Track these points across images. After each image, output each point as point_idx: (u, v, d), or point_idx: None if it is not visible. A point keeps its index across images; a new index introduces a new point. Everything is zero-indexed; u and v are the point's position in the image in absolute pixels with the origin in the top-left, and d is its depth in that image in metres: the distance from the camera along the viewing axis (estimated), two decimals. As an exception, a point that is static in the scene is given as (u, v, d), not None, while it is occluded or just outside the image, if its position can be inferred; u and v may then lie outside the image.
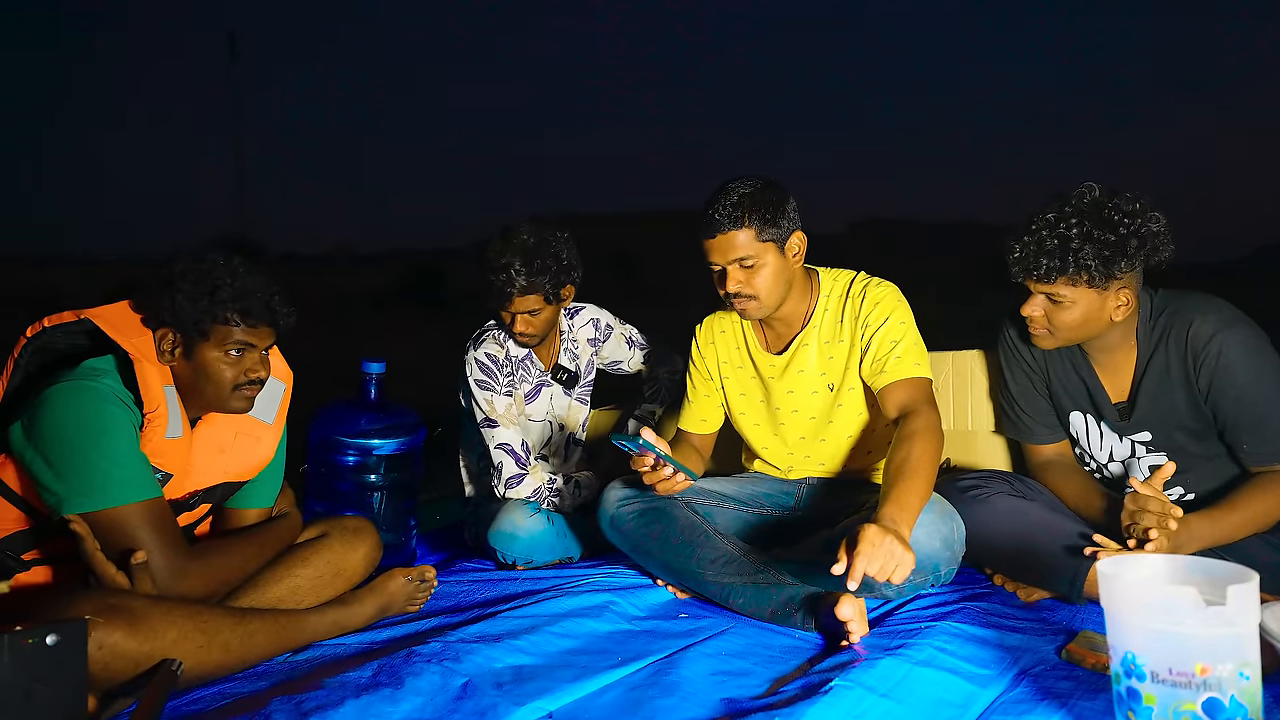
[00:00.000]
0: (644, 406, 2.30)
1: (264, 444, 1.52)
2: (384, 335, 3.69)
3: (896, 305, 1.70)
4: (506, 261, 1.87)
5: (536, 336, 1.99)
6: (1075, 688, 1.15)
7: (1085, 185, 1.50)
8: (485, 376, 2.02)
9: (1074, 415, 1.69)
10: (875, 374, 1.67)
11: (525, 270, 1.87)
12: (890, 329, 1.67)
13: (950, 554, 1.50)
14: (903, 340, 1.66)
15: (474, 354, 2.04)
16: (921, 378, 1.65)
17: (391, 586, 1.52)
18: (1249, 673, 0.89)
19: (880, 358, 1.66)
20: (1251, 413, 1.48)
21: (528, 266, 1.87)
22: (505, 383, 2.04)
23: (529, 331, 1.97)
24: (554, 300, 1.95)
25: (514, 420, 2.04)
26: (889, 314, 1.68)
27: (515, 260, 1.87)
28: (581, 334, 2.15)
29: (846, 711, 1.07)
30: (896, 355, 1.65)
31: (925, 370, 1.66)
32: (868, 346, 1.68)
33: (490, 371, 2.03)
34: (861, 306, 1.70)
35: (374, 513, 1.99)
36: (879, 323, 1.68)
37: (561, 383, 2.12)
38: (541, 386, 2.10)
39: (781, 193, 1.65)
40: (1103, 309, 1.51)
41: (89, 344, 1.39)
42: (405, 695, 1.14)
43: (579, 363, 2.15)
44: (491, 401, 2.02)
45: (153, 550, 1.26)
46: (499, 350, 2.05)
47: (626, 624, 1.50)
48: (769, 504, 1.80)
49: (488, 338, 2.06)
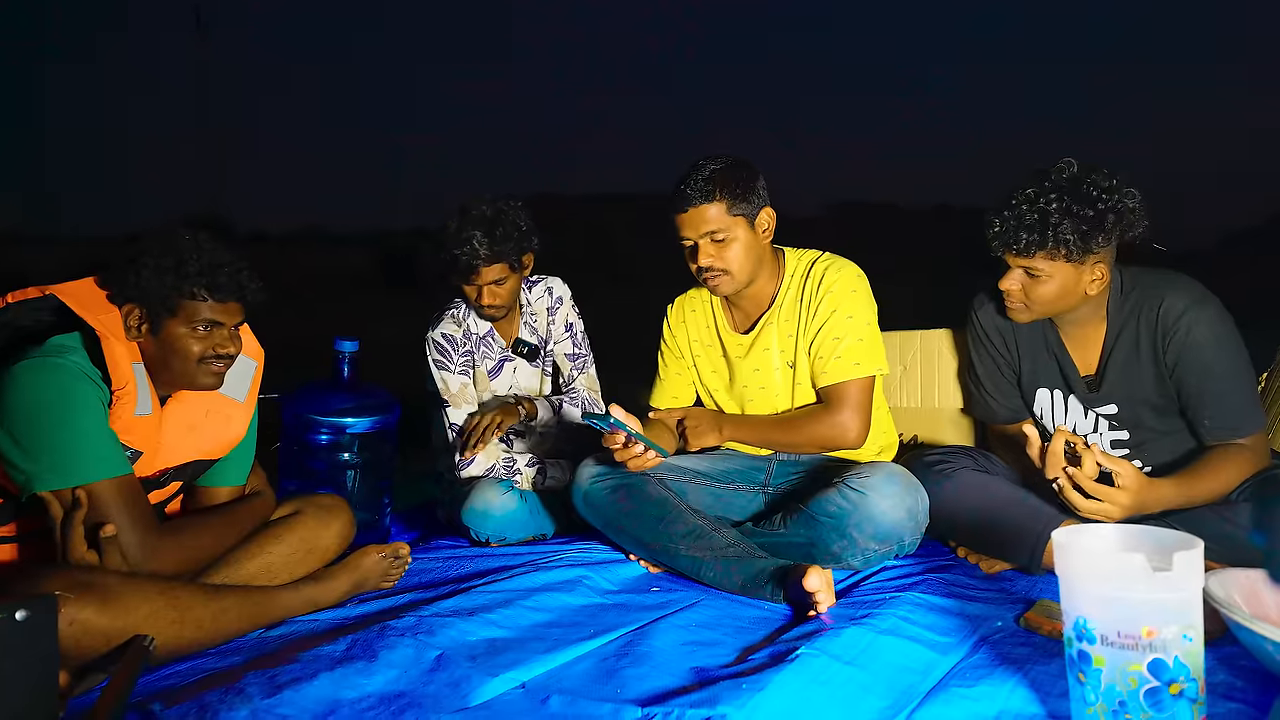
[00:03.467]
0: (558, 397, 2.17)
1: (235, 422, 1.51)
2: (359, 315, 3.66)
3: (848, 295, 1.71)
4: (469, 234, 1.90)
5: (503, 308, 2.02)
6: (1032, 653, 1.19)
7: (1064, 161, 1.53)
8: (441, 356, 2.07)
9: (1040, 392, 1.73)
10: (818, 372, 1.72)
11: (488, 240, 1.90)
12: (834, 325, 1.69)
13: (914, 525, 1.55)
14: (846, 337, 1.68)
15: (431, 334, 2.08)
16: (858, 379, 1.68)
17: (365, 563, 1.53)
18: (1192, 635, 0.92)
19: (823, 356, 1.70)
20: (1215, 388, 1.52)
21: (490, 236, 1.91)
22: (461, 362, 2.08)
23: (495, 303, 1.99)
24: (517, 268, 1.99)
25: (468, 400, 2.08)
26: (836, 307, 1.70)
27: (477, 232, 1.90)
28: (540, 305, 2.17)
29: (812, 679, 1.10)
30: (837, 355, 1.69)
31: (866, 367, 1.69)
32: (813, 340, 1.71)
33: (445, 351, 2.07)
34: (816, 292, 1.73)
35: (348, 491, 1.99)
36: (826, 315, 1.70)
37: (523, 356, 2.15)
38: (504, 362, 2.14)
39: (751, 170, 1.67)
40: (1078, 283, 1.54)
41: (54, 321, 1.37)
42: (379, 668, 1.15)
43: (540, 335, 2.17)
44: (446, 380, 2.06)
45: (123, 527, 1.26)
46: (456, 330, 2.08)
47: (599, 598, 1.52)
48: (740, 479, 1.82)
49: (446, 318, 2.09)
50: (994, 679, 1.11)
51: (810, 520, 1.59)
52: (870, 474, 1.57)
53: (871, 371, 1.69)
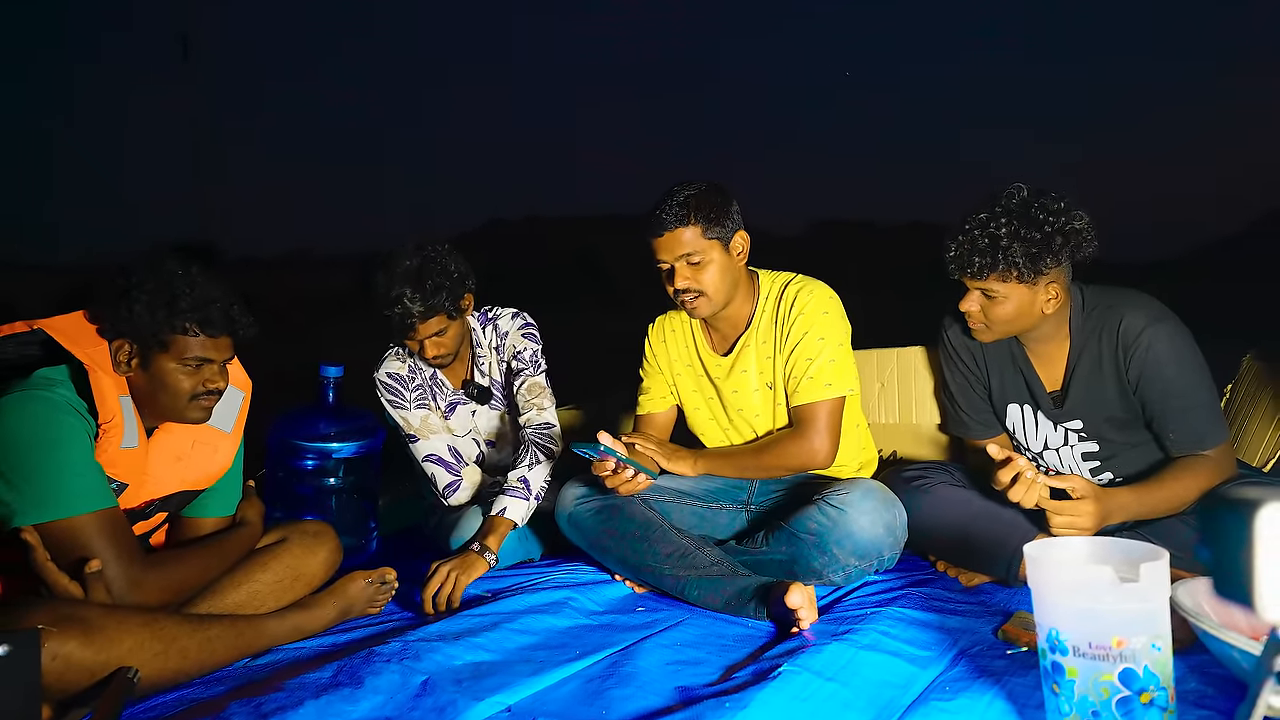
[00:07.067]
0: (511, 476, 1.87)
1: (221, 452, 1.52)
2: (345, 340, 3.63)
3: (819, 317, 1.73)
4: (398, 293, 1.77)
5: (450, 355, 1.91)
6: (1009, 666, 1.21)
7: (1014, 186, 1.58)
8: (393, 396, 2.01)
9: (1011, 408, 1.77)
10: (790, 392, 1.75)
11: (419, 296, 1.77)
12: (806, 346, 1.72)
13: (893, 540, 1.58)
14: (817, 359, 1.71)
15: (378, 375, 2.01)
16: (828, 400, 1.70)
17: (352, 589, 1.53)
18: (1161, 644, 0.95)
19: (796, 376, 1.73)
20: (1178, 403, 1.56)
21: (420, 291, 1.77)
22: (415, 397, 2.01)
23: (441, 353, 1.88)
24: (456, 315, 1.86)
25: (435, 429, 2.01)
26: (808, 329, 1.73)
27: (406, 289, 1.77)
28: (489, 345, 2.04)
29: (794, 695, 1.11)
30: (809, 375, 1.71)
31: (837, 388, 1.71)
32: (786, 360, 1.75)
33: (396, 390, 2.00)
34: (790, 313, 1.75)
35: (333, 516, 1.99)
36: (798, 337, 1.73)
37: (473, 398, 2.04)
38: (455, 405, 2.06)
39: (725, 194, 1.71)
40: (1034, 303, 1.58)
41: (41, 354, 1.37)
42: (365, 694, 1.16)
43: (491, 375, 2.05)
44: (406, 418, 2.00)
45: (108, 560, 1.26)
46: (402, 366, 2.02)
47: (584, 619, 1.53)
48: (723, 498, 1.84)
49: (390, 355, 2.03)
50: (972, 692, 1.13)
51: (791, 537, 1.61)
52: (849, 490, 1.59)
53: (842, 392, 1.72)
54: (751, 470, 1.79)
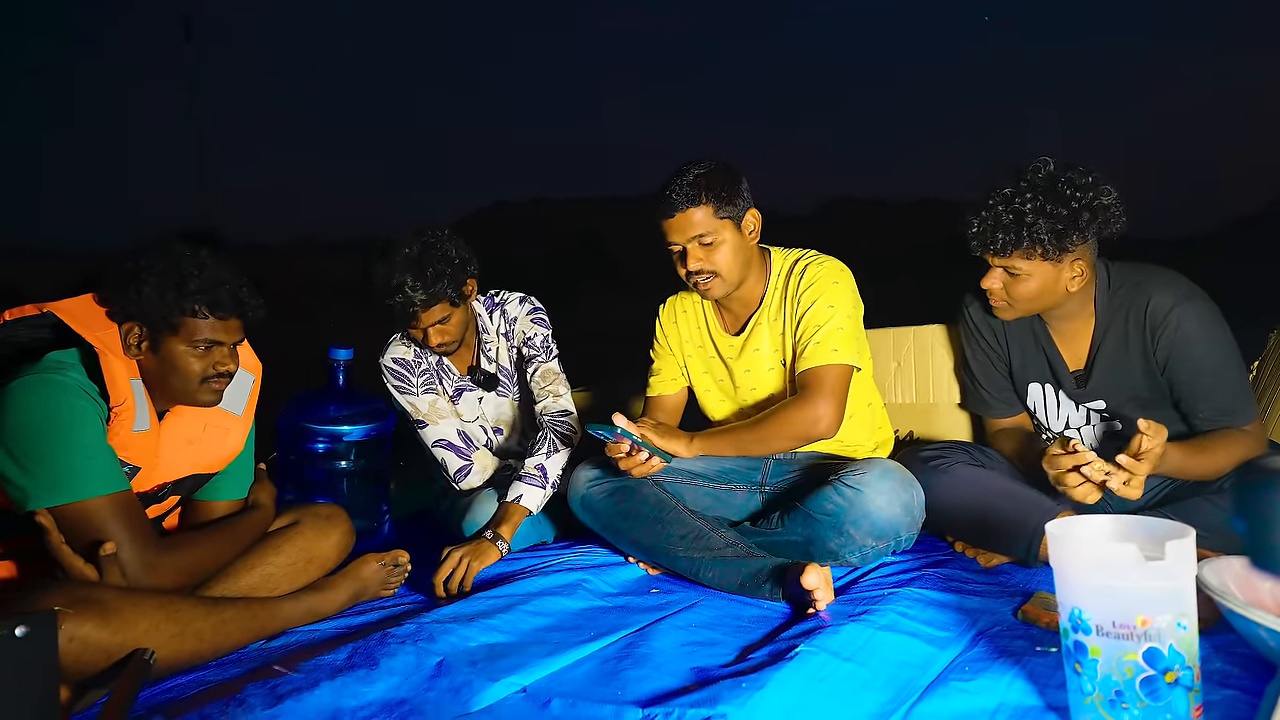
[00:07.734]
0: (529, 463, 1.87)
1: (233, 436, 1.52)
2: (352, 324, 3.65)
3: (829, 286, 1.71)
4: (398, 281, 1.75)
5: (455, 342, 1.89)
6: (1029, 646, 1.20)
7: (1040, 160, 1.54)
8: (399, 382, 1.99)
9: (1033, 387, 1.74)
10: (797, 357, 1.72)
11: (420, 284, 1.75)
12: (816, 313, 1.69)
13: (910, 520, 1.56)
14: (826, 324, 1.68)
15: (383, 360, 1.99)
16: (835, 365, 1.65)
17: (365, 572, 1.53)
18: (1186, 623, 0.93)
19: (803, 342, 1.70)
20: (1208, 381, 1.53)
21: (421, 279, 1.75)
22: (422, 382, 1.99)
23: (445, 340, 1.86)
24: (459, 301, 1.83)
25: (443, 414, 1.99)
26: (818, 296, 1.70)
27: (407, 277, 1.74)
28: (497, 332, 2.02)
29: (811, 675, 1.10)
30: (815, 341, 1.68)
31: (844, 355, 1.66)
32: (796, 329, 1.72)
33: (402, 375, 1.99)
34: (799, 285, 1.73)
35: (345, 499, 1.99)
36: (808, 305, 1.70)
37: (480, 384, 2.02)
38: (462, 391, 2.04)
39: (735, 173, 1.68)
40: (1058, 280, 1.55)
41: (52, 338, 1.37)
42: (380, 675, 1.16)
43: (498, 361, 2.03)
44: (413, 403, 1.98)
45: (122, 543, 1.26)
46: (407, 352, 2.00)
47: (599, 600, 1.52)
48: (737, 479, 1.83)
49: (395, 340, 2.01)
50: (992, 672, 1.12)
51: (807, 518, 1.60)
52: (866, 470, 1.57)
53: (849, 360, 1.67)
54: (751, 445, 1.69)
